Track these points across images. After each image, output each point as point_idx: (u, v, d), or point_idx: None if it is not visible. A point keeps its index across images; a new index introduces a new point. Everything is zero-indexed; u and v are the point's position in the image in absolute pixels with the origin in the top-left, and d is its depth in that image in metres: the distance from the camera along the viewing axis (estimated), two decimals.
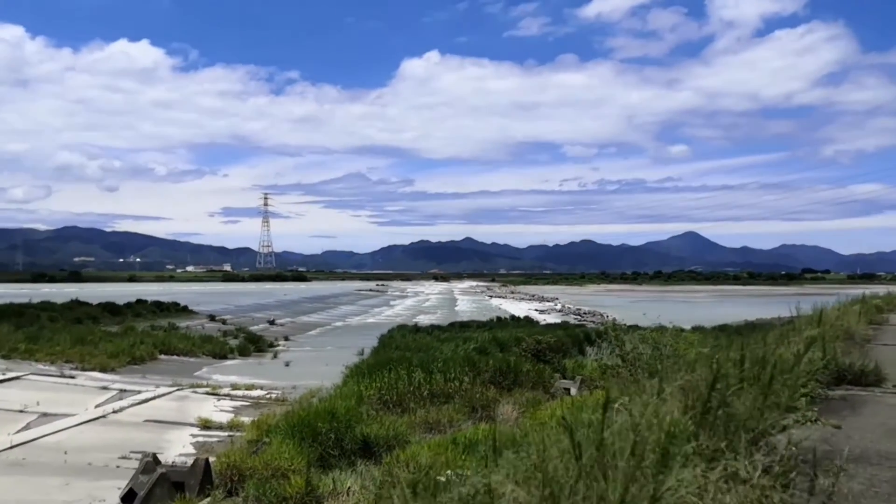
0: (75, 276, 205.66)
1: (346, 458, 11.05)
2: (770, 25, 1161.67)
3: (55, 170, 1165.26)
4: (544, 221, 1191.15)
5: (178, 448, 12.57)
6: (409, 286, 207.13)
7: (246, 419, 15.26)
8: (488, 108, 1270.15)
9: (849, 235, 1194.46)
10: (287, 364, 28.99)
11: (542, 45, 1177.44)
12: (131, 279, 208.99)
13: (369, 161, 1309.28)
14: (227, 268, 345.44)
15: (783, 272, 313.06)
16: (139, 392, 18.23)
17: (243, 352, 32.64)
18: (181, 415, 15.86)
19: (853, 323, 10.91)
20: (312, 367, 27.42)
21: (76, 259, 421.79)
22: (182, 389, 19.51)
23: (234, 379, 24.49)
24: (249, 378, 25.20)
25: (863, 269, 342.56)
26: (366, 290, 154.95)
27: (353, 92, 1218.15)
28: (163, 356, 28.89)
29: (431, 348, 27.04)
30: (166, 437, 13.38)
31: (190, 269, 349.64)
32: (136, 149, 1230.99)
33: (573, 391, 20.44)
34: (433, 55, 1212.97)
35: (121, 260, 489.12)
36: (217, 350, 31.65)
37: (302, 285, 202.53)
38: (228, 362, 29.96)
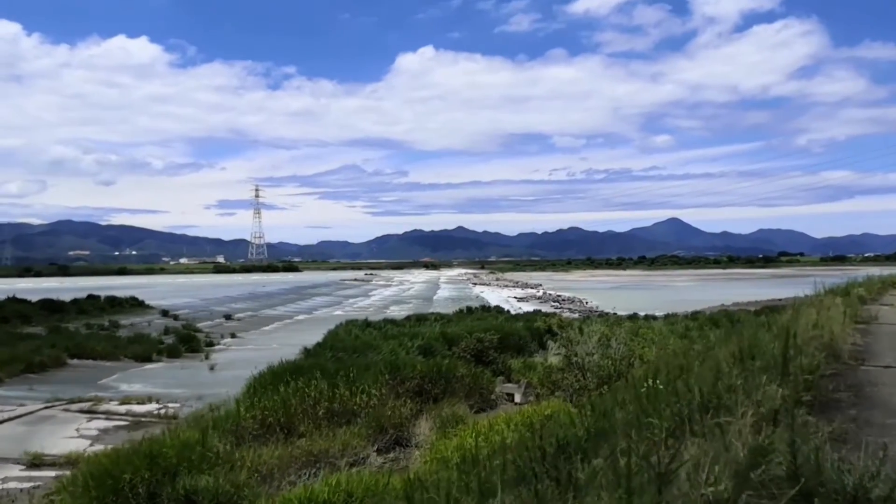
0: (63, 270, 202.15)
1: None
2: (748, 21, 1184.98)
3: (50, 164, 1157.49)
4: (534, 210, 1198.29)
5: None
6: (398, 275, 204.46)
7: (97, 449, 12.39)
8: (480, 101, 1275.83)
9: (821, 220, 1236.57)
10: (212, 368, 26.06)
11: (532, 40, 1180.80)
12: (120, 272, 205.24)
13: (364, 153, 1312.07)
14: (221, 259, 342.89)
15: (761, 255, 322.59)
16: None
17: (173, 353, 29.53)
18: (18, 445, 12.92)
19: (836, 329, 7.94)
20: (240, 372, 24.42)
21: (70, 253, 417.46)
22: (52, 407, 16.57)
23: (138, 388, 21.63)
24: (160, 387, 22.31)
25: (835, 252, 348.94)
26: (350, 280, 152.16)
27: (348, 86, 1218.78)
28: (74, 361, 25.82)
29: (372, 347, 24.21)
30: None
31: (183, 261, 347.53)
32: (133, 143, 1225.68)
33: (517, 397, 18.01)
34: (427, 50, 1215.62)
35: (116, 253, 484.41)
36: (142, 352, 28.52)
37: (290, 276, 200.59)
38: (149, 366, 26.88)
